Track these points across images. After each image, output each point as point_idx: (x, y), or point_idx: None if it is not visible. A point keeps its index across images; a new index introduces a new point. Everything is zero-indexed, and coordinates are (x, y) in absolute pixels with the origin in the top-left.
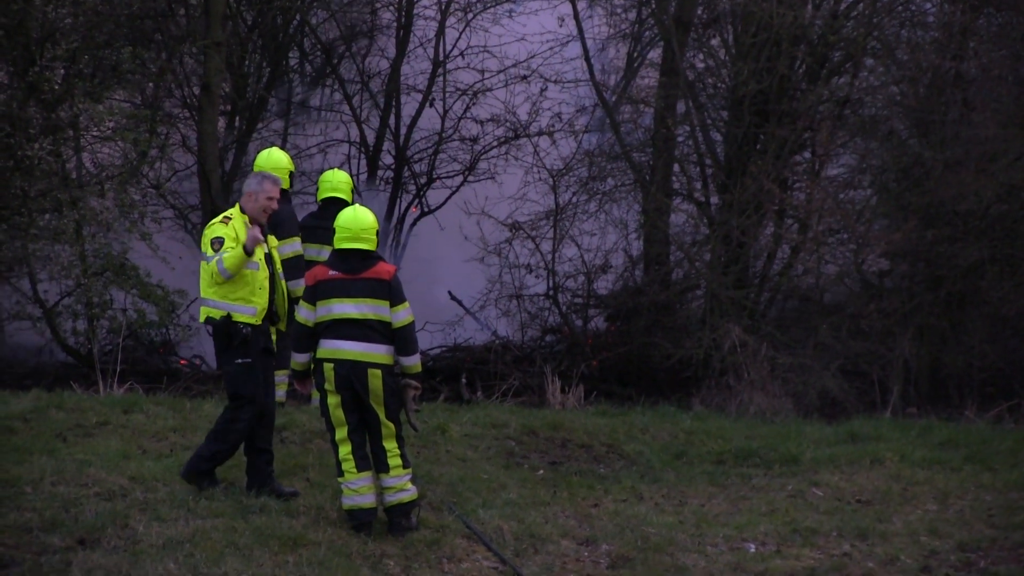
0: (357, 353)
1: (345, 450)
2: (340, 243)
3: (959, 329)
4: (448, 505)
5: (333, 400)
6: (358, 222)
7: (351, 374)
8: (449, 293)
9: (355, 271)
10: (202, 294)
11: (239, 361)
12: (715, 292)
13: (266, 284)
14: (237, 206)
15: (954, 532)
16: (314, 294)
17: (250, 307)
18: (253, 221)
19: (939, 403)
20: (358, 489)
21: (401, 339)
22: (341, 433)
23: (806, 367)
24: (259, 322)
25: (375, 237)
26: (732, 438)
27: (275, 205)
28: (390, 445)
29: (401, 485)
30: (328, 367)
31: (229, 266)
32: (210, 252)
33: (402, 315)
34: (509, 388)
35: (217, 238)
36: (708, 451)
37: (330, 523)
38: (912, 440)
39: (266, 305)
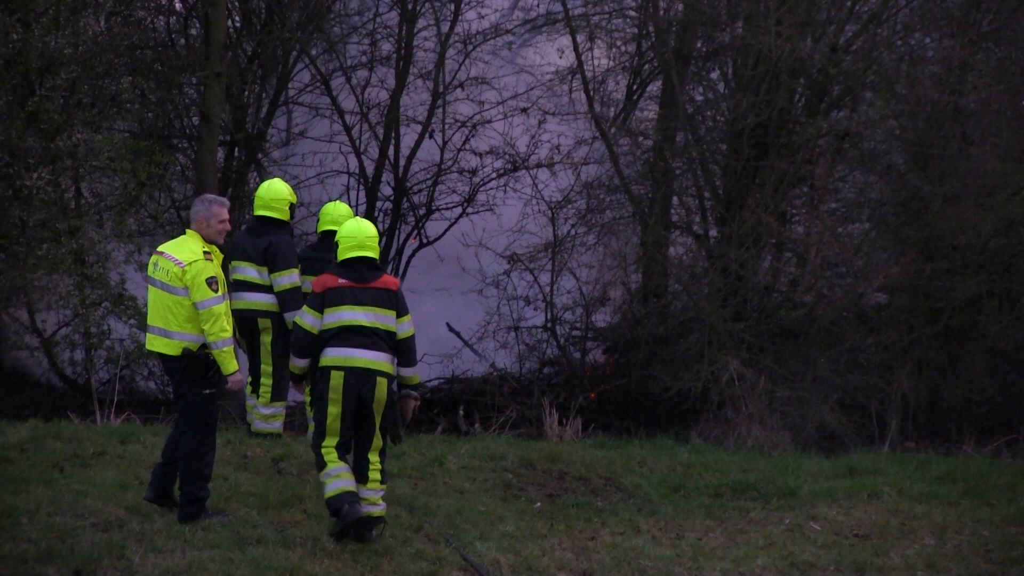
0: (368, 361)
1: (329, 446)
2: (346, 253)
3: (957, 363)
4: (445, 537)
5: (333, 411)
6: (362, 231)
7: (361, 382)
8: (448, 325)
9: (364, 280)
10: (175, 327)
11: (207, 392)
12: (713, 325)
13: (230, 314)
14: (196, 234)
15: (952, 567)
16: (322, 301)
17: (227, 340)
18: (211, 242)
19: (937, 437)
20: (340, 475)
21: (405, 350)
22: (330, 442)
23: (804, 400)
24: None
25: (378, 247)
26: (730, 471)
27: (228, 226)
28: (374, 457)
29: (374, 499)
30: (337, 375)
31: (226, 342)
32: (210, 293)
33: (406, 326)
34: (507, 420)
35: (211, 278)
36: (706, 484)
37: (327, 555)
38: (910, 474)
39: None
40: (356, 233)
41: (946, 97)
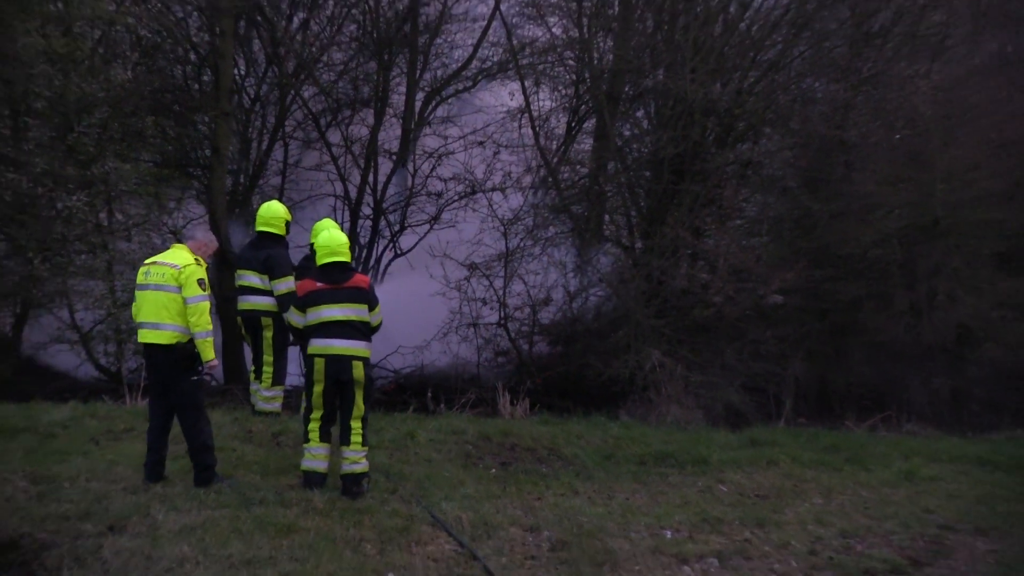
0: (344, 348)
1: (314, 424)
2: (322, 259)
3: (841, 353)
4: (416, 498)
5: (318, 388)
6: (334, 240)
7: (338, 366)
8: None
9: (338, 282)
10: (167, 320)
11: (195, 378)
12: (639, 321)
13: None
14: (187, 248)
15: (836, 522)
16: (305, 303)
17: (209, 332)
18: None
19: (824, 414)
20: (316, 455)
21: (376, 333)
22: (316, 414)
23: (714, 384)
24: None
25: (348, 252)
26: (652, 443)
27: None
28: (356, 425)
29: (356, 458)
30: (319, 361)
31: (208, 334)
32: (200, 291)
33: (377, 316)
34: (467, 401)
35: (201, 280)
36: (632, 454)
37: (318, 513)
38: (802, 445)
39: None
40: (330, 242)
41: (832, 132)
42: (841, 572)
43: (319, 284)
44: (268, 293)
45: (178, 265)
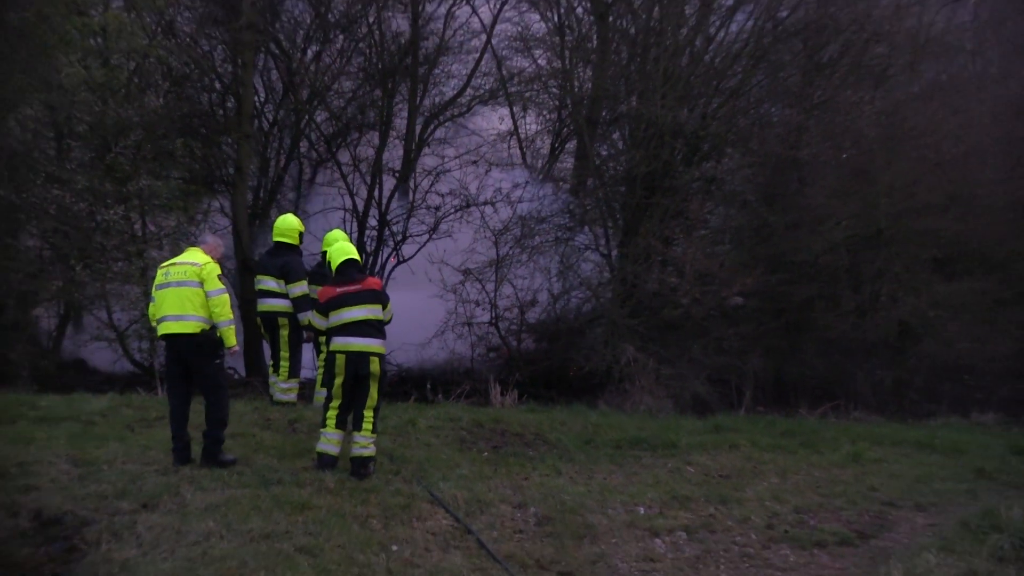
0: (362, 346)
1: (332, 412)
2: (338, 260)
3: (795, 348)
4: (416, 479)
5: (338, 380)
6: (347, 246)
7: (358, 361)
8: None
9: (354, 280)
10: (190, 311)
11: (218, 361)
12: (615, 320)
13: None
14: (201, 250)
15: (791, 499)
16: (328, 307)
17: (231, 321)
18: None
19: (780, 403)
20: (330, 440)
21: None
22: (335, 403)
23: (682, 376)
24: None
25: (358, 254)
26: (627, 429)
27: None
28: (368, 413)
29: (366, 443)
30: (340, 357)
31: (230, 322)
32: (220, 285)
33: (389, 312)
34: (462, 392)
35: (220, 275)
36: (609, 439)
37: (329, 492)
38: (760, 430)
39: None
40: (343, 247)
41: (786, 151)
42: (795, 544)
43: (339, 289)
44: (284, 296)
45: (198, 263)
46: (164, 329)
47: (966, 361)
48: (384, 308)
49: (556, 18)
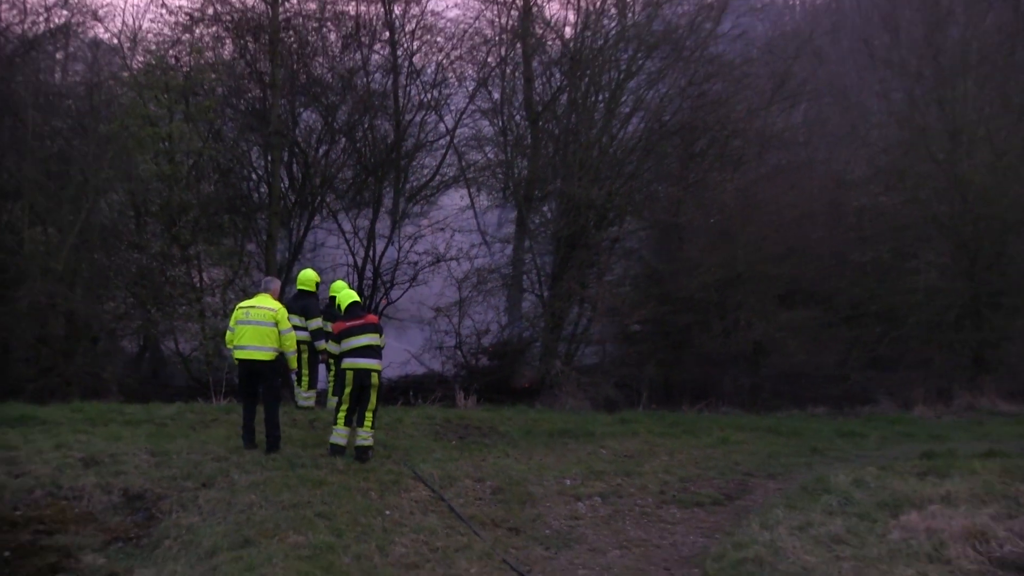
0: (367, 364)
1: (342, 414)
2: (346, 302)
3: (679, 361)
4: (403, 461)
5: (348, 390)
6: (351, 292)
7: (363, 376)
8: (408, 351)
9: (359, 316)
10: (269, 344)
11: (279, 380)
12: (547, 344)
13: None
14: (270, 296)
15: (678, 471)
16: (341, 336)
17: (294, 351)
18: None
19: (669, 402)
20: (340, 434)
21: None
22: (344, 407)
23: (597, 383)
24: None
25: (359, 297)
26: (557, 423)
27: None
28: (369, 415)
29: (366, 436)
30: (350, 372)
31: (294, 352)
32: (289, 325)
33: (384, 339)
34: (436, 397)
35: (289, 317)
36: (544, 430)
37: (339, 472)
38: (654, 422)
39: None
40: (349, 291)
41: (669, 218)
42: (681, 504)
43: (349, 323)
44: (305, 329)
45: (274, 308)
46: (243, 355)
47: (802, 369)
48: (380, 336)
49: (500, 123)
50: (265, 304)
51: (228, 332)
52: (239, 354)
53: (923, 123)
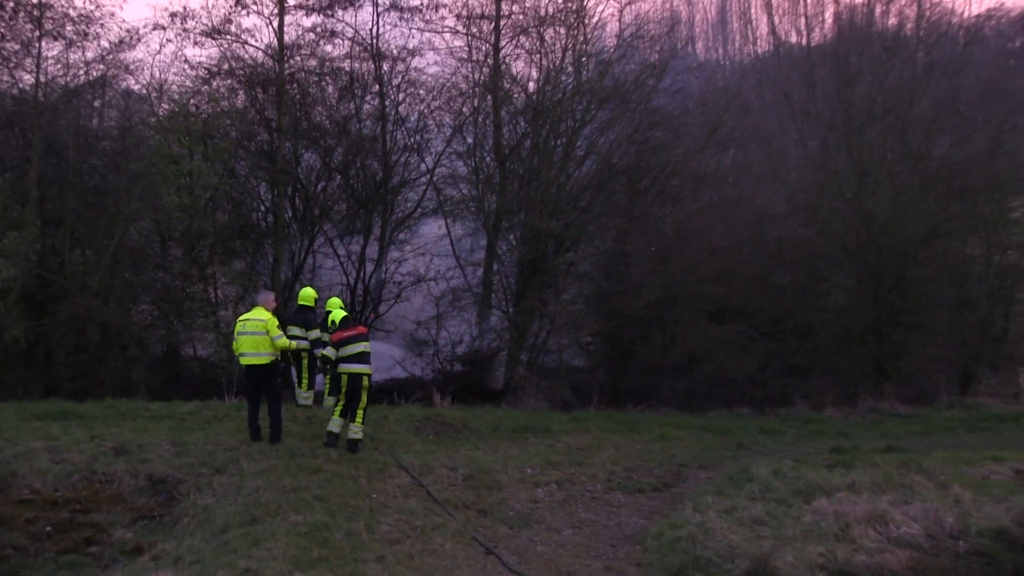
0: (360, 369)
1: (337, 410)
2: (340, 316)
3: (626, 368)
4: (388, 452)
5: (343, 390)
6: (341, 309)
7: (356, 379)
8: (392, 357)
9: (352, 328)
10: (264, 350)
11: (278, 380)
12: (512, 353)
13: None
14: (263, 308)
15: (623, 462)
16: (338, 344)
17: (286, 345)
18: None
19: (617, 403)
20: (335, 423)
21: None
22: (340, 404)
23: (555, 387)
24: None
25: (348, 312)
26: (520, 420)
27: (275, 306)
28: (360, 412)
29: (356, 431)
30: (345, 376)
31: (286, 345)
32: (279, 332)
33: (370, 347)
34: (416, 398)
35: (279, 326)
36: (510, 426)
37: (333, 461)
38: (603, 420)
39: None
40: (341, 307)
41: (617, 247)
42: (625, 491)
43: (344, 333)
44: (305, 338)
45: (264, 319)
46: (245, 361)
47: (730, 375)
48: (367, 343)
49: (473, 164)
50: (257, 316)
51: (233, 342)
52: (241, 360)
53: (834, 166)
